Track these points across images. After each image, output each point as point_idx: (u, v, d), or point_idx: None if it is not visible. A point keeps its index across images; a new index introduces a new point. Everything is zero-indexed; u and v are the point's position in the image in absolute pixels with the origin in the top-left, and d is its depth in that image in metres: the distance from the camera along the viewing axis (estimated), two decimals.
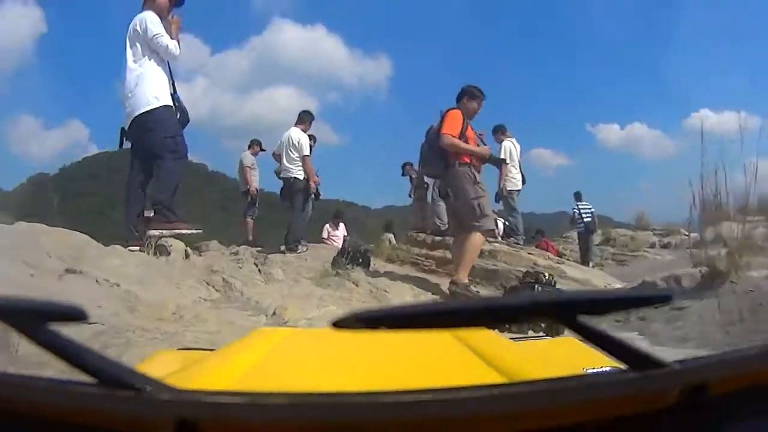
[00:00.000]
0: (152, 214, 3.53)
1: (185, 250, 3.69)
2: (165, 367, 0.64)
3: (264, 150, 6.57)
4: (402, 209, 9.31)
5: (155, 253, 3.59)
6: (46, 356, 0.30)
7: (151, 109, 3.35)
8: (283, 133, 5.43)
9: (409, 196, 7.23)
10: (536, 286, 2.93)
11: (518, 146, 6.25)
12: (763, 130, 3.32)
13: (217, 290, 2.92)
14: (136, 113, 3.37)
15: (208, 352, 0.85)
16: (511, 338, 0.94)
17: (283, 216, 5.78)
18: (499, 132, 6.19)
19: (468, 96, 3.77)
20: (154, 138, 3.37)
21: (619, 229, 11.04)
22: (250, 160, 6.54)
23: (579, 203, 8.31)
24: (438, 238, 6.04)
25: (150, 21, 3.40)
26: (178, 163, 3.49)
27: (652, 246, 9.74)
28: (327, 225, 7.19)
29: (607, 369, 0.59)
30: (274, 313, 2.63)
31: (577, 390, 0.32)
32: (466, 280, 3.68)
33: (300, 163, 5.18)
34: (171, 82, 3.55)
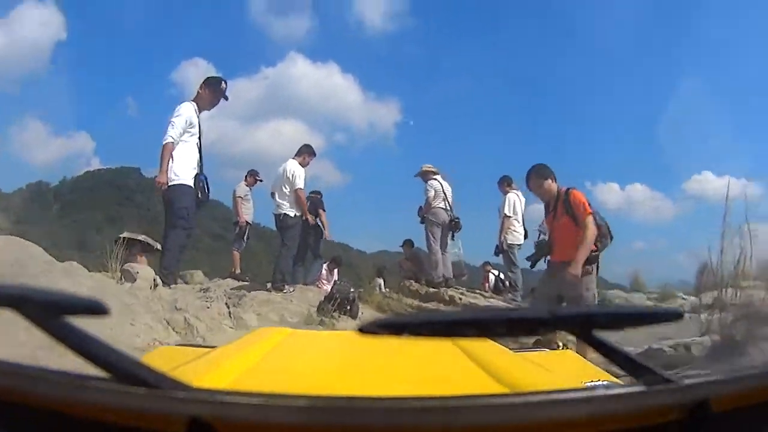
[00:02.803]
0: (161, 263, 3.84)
1: (153, 279, 3.33)
2: (167, 363, 0.58)
3: (261, 180, 6.39)
4: (395, 254, 9.06)
5: (120, 278, 3.28)
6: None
7: (173, 185, 3.77)
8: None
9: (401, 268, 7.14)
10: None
11: (523, 199, 5.93)
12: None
13: (176, 332, 2.52)
14: (168, 184, 3.79)
15: (209, 349, 0.82)
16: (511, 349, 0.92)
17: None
18: (505, 183, 5.93)
19: None
20: (170, 209, 3.82)
21: (613, 291, 10.70)
22: (243, 191, 6.34)
23: None
24: (432, 290, 5.71)
25: (184, 112, 3.84)
26: (183, 235, 3.87)
27: None
28: (324, 265, 6.75)
29: (604, 382, 0.62)
30: None
31: (588, 402, 0.32)
32: None
33: (292, 198, 4.83)
34: (199, 161, 3.94)
